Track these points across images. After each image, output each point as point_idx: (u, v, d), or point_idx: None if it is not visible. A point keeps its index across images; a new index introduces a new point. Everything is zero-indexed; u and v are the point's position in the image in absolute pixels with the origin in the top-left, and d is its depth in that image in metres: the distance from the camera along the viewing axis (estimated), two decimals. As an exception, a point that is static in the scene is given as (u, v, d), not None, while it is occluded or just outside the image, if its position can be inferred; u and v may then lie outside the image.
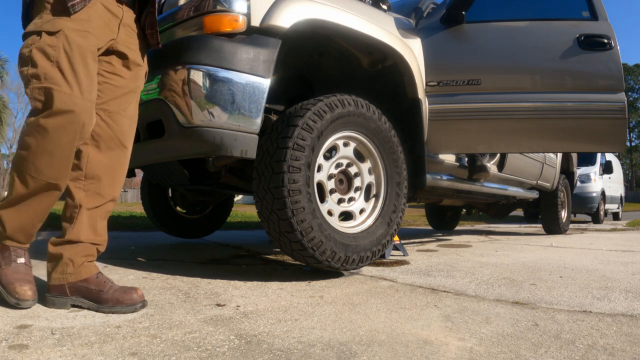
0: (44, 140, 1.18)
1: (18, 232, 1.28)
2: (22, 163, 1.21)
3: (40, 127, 1.17)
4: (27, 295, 1.22)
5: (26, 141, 1.19)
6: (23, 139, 1.21)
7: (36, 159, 1.19)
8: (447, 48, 2.44)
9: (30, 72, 1.17)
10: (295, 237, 1.66)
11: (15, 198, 1.23)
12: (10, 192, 1.24)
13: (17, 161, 1.22)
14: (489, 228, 6.47)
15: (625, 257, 2.78)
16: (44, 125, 1.17)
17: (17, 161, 1.22)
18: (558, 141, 2.50)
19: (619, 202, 11.65)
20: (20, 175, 1.21)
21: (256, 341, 1.04)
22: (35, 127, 1.18)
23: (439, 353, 0.98)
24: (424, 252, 2.92)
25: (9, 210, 1.25)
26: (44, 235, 3.49)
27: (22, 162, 1.20)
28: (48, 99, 1.16)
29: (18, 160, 1.22)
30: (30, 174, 1.20)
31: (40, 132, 1.17)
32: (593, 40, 2.35)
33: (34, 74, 1.17)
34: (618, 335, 1.13)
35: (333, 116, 1.81)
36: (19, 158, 1.22)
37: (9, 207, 1.25)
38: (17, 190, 1.22)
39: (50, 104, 1.16)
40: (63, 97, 1.17)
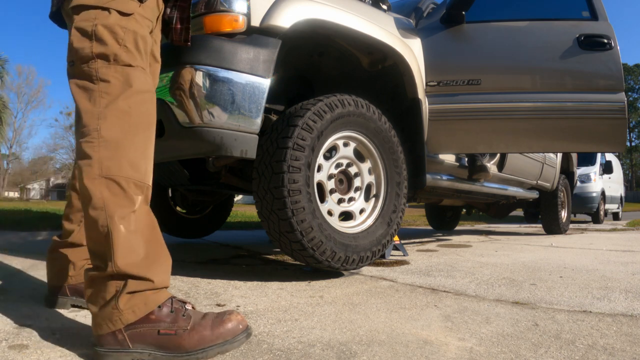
0: (129, 127, 0.99)
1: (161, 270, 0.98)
2: (113, 165, 0.95)
3: (121, 111, 0.99)
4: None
5: (109, 136, 0.96)
6: (101, 137, 0.96)
7: (128, 151, 0.98)
8: (447, 48, 2.44)
9: (96, 50, 1.00)
10: (295, 237, 1.66)
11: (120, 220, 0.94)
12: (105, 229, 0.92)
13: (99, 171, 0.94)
14: (489, 228, 6.47)
15: (625, 257, 2.78)
16: (125, 108, 0.99)
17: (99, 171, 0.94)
18: (558, 141, 2.50)
19: (619, 202, 11.65)
20: (110, 186, 0.94)
21: (256, 341, 1.04)
22: (116, 112, 0.98)
23: (439, 353, 0.98)
24: (424, 252, 2.92)
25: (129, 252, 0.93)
26: (44, 235, 3.49)
27: (113, 163, 0.95)
28: (127, 79, 1.00)
29: (99, 168, 0.94)
30: (127, 175, 0.96)
31: (123, 117, 0.99)
32: (593, 40, 2.35)
33: (102, 53, 1.00)
34: (618, 335, 1.13)
35: (333, 116, 1.81)
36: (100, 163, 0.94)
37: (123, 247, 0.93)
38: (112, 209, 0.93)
39: (129, 83, 1.01)
40: (141, 76, 1.03)
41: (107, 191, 0.94)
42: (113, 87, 0.99)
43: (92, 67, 0.99)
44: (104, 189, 0.94)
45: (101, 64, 0.99)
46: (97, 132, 0.96)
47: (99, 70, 0.99)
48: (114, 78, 0.99)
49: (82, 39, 1.00)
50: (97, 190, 0.93)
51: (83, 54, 0.99)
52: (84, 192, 0.96)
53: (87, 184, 0.94)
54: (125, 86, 1.00)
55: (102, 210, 0.92)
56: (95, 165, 0.94)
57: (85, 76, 1.00)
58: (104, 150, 0.96)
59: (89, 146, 0.96)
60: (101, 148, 0.96)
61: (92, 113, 0.97)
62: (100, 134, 0.96)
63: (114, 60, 1.00)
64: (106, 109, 0.97)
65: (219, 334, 0.91)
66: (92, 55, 1.00)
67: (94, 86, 0.99)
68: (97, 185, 0.94)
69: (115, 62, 1.00)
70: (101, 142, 0.96)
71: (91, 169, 0.94)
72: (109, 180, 0.94)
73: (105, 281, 0.91)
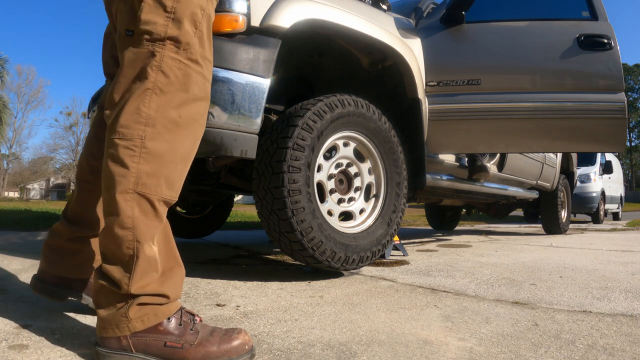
0: (175, 139, 0.88)
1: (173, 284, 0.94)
2: (152, 183, 0.86)
3: (171, 121, 0.87)
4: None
5: (154, 148, 0.86)
6: (145, 148, 0.85)
7: (169, 170, 0.88)
8: (447, 48, 2.44)
9: (171, 32, 0.85)
10: (295, 237, 1.66)
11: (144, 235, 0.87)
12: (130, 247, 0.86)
13: (131, 185, 0.85)
14: (489, 228, 6.47)
15: (625, 257, 2.78)
16: (176, 118, 0.87)
17: (131, 185, 0.85)
18: (558, 141, 2.50)
19: (619, 202, 11.66)
20: (142, 203, 0.86)
21: (256, 341, 1.04)
22: (166, 121, 0.86)
23: (439, 353, 0.98)
24: (424, 252, 2.92)
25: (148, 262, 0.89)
26: (44, 235, 3.49)
27: (152, 181, 0.86)
28: (186, 80, 0.88)
29: (132, 183, 0.85)
30: (163, 195, 0.88)
31: (172, 128, 0.87)
32: (593, 40, 2.35)
33: (175, 37, 0.86)
34: (618, 335, 1.13)
35: (333, 116, 1.81)
36: (135, 178, 0.85)
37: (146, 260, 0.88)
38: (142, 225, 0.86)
39: (187, 86, 0.88)
40: (200, 80, 0.91)
41: (138, 210, 0.85)
42: (170, 85, 0.87)
43: (158, 52, 0.85)
44: (135, 207, 0.85)
45: (169, 52, 0.86)
46: (141, 140, 0.85)
47: (164, 58, 0.85)
48: (174, 75, 0.87)
49: (156, 11, 0.85)
50: (128, 208, 0.85)
51: (153, 30, 0.85)
52: (110, 204, 0.86)
53: (117, 198, 0.84)
54: (182, 89, 0.88)
55: (131, 232, 0.85)
56: (132, 178, 0.85)
57: (143, 57, 0.85)
58: (145, 164, 0.85)
59: (128, 154, 0.84)
60: (142, 160, 0.85)
61: (138, 112, 0.85)
62: (145, 144, 0.85)
63: (184, 49, 0.87)
64: (156, 114, 0.85)
65: (224, 350, 0.88)
66: (164, 36, 0.85)
67: (151, 75, 0.85)
68: (129, 202, 0.85)
69: (184, 51, 0.87)
70: (143, 154, 0.85)
71: (126, 181, 0.84)
72: (142, 198, 0.86)
73: (118, 298, 0.88)
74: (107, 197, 0.87)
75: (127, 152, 0.85)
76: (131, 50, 0.86)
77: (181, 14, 0.86)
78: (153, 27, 0.85)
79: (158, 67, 0.85)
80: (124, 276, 0.87)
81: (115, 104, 0.88)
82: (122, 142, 0.85)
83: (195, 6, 0.88)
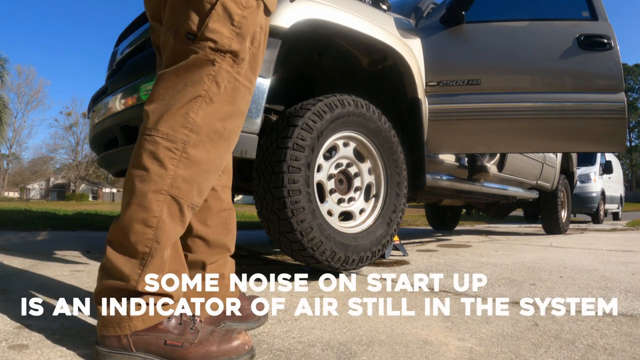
0: (215, 149, 0.89)
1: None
2: (185, 188, 0.87)
3: (215, 132, 0.88)
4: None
5: (194, 156, 0.86)
6: (186, 153, 0.86)
7: (203, 178, 0.89)
8: (447, 48, 2.44)
9: (234, 45, 0.86)
10: (295, 237, 1.66)
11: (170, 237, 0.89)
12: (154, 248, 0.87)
13: (167, 188, 0.86)
14: (488, 228, 6.47)
15: (625, 257, 2.78)
16: (220, 130, 0.88)
17: (167, 188, 0.86)
18: (558, 141, 2.50)
19: (619, 202, 11.66)
20: (173, 206, 0.87)
21: (256, 341, 1.04)
22: (210, 131, 0.87)
23: (439, 353, 0.98)
24: (424, 252, 2.92)
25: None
26: (44, 235, 3.49)
27: (186, 186, 0.87)
28: (234, 93, 0.89)
29: (169, 186, 0.86)
30: (192, 202, 0.89)
31: (215, 139, 0.88)
32: (593, 40, 2.35)
33: (236, 51, 0.87)
34: (618, 335, 1.13)
35: (333, 116, 1.81)
36: (174, 182, 0.86)
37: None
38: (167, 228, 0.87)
39: (234, 99, 0.89)
40: (247, 95, 0.91)
41: (167, 212, 0.86)
42: (219, 97, 0.87)
43: (218, 62, 0.86)
44: (164, 208, 0.86)
45: (227, 64, 0.87)
46: (183, 145, 0.85)
47: (221, 70, 0.86)
48: (224, 87, 0.88)
49: (224, 22, 0.85)
50: (157, 208, 0.85)
51: (219, 40, 0.85)
52: (140, 198, 0.85)
53: (149, 196, 0.85)
54: (229, 102, 0.89)
55: (153, 231, 0.86)
56: (168, 180, 0.85)
57: (202, 64, 0.86)
58: (183, 169, 0.86)
59: (168, 155, 0.85)
60: (181, 165, 0.86)
61: (185, 117, 0.85)
62: (186, 150, 0.86)
63: (238, 64, 0.88)
64: (203, 122, 0.86)
65: (224, 350, 0.88)
66: (227, 49, 0.86)
67: (205, 84, 0.86)
68: (160, 203, 0.85)
69: (238, 65, 0.89)
70: (183, 159, 0.86)
71: (162, 181, 0.85)
72: (173, 201, 0.86)
73: (122, 293, 0.88)
74: (137, 191, 0.86)
75: (168, 153, 0.85)
76: (190, 54, 0.86)
77: (245, 30, 0.88)
78: (219, 38, 0.86)
79: (214, 77, 0.86)
80: (135, 272, 0.87)
81: (160, 100, 0.87)
82: (165, 142, 0.85)
83: (257, 24, 0.90)
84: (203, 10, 0.85)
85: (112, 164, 2.33)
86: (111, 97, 1.99)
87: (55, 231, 3.88)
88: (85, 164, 43.85)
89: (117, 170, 2.41)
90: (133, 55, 2.08)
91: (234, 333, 0.91)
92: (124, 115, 1.91)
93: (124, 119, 1.92)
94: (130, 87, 1.86)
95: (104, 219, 5.33)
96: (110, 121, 2.01)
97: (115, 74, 2.12)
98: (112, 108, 1.98)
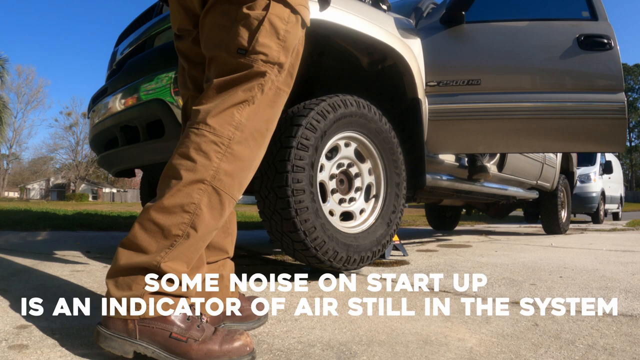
0: (257, 147, 0.96)
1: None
2: (227, 182, 0.92)
3: (258, 131, 0.95)
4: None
5: (239, 152, 0.92)
6: (231, 149, 0.91)
7: (244, 175, 0.95)
8: (447, 48, 2.44)
9: (282, 58, 0.95)
10: (298, 237, 1.66)
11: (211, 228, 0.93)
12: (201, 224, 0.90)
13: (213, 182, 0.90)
14: (488, 228, 6.47)
15: (625, 257, 2.78)
16: (263, 130, 0.96)
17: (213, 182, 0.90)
18: (558, 141, 2.50)
19: (619, 202, 11.66)
20: (221, 198, 0.91)
21: (256, 341, 1.04)
22: (254, 130, 0.94)
23: (439, 353, 0.98)
24: (424, 252, 2.92)
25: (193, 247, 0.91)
26: (44, 235, 3.49)
27: (228, 180, 0.92)
28: (276, 98, 0.98)
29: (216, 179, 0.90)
30: (233, 196, 0.94)
31: (257, 138, 0.96)
32: (593, 40, 2.35)
33: (282, 63, 0.96)
34: (618, 335, 1.13)
35: (336, 116, 1.81)
36: (220, 176, 0.91)
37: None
38: (213, 217, 0.91)
39: (275, 103, 0.98)
40: (284, 101, 1.00)
41: (207, 201, 0.89)
42: (264, 100, 0.95)
43: (268, 73, 0.94)
44: (204, 197, 0.89)
45: (273, 74, 0.95)
46: (229, 140, 0.91)
47: (268, 79, 0.94)
48: (267, 93, 0.95)
49: (271, 36, 0.93)
50: (197, 195, 0.88)
51: (269, 53, 0.94)
52: (182, 184, 0.88)
53: (191, 184, 0.88)
54: (271, 106, 0.96)
55: (189, 216, 0.88)
56: (211, 171, 0.89)
57: (253, 75, 0.93)
58: (227, 163, 0.91)
59: (214, 148, 0.90)
60: (225, 158, 0.90)
61: (232, 116, 0.91)
62: (231, 145, 0.91)
63: (281, 73, 0.96)
64: (247, 122, 0.93)
65: (226, 350, 0.89)
66: (276, 61, 0.95)
67: (254, 91, 0.93)
68: (202, 192, 0.89)
69: (280, 74, 0.96)
70: (227, 154, 0.91)
71: (205, 171, 0.89)
72: (214, 192, 0.90)
73: (140, 271, 0.87)
74: (180, 178, 0.88)
75: (214, 147, 0.90)
76: (243, 67, 0.93)
77: (290, 43, 0.97)
78: (269, 51, 0.94)
79: (262, 85, 0.94)
80: (161, 249, 0.87)
81: (210, 101, 0.93)
82: (212, 136, 0.90)
83: (297, 37, 0.99)
84: (252, 26, 0.93)
85: (112, 164, 2.33)
86: (111, 97, 2.00)
87: (55, 231, 3.88)
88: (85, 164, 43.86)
89: (117, 170, 2.41)
90: (133, 55, 2.08)
91: (236, 334, 0.92)
92: (124, 115, 1.91)
93: (124, 119, 1.93)
94: (130, 87, 1.86)
95: (104, 219, 5.34)
96: (110, 121, 2.01)
97: (115, 74, 2.12)
98: (112, 108, 1.98)
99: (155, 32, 1.93)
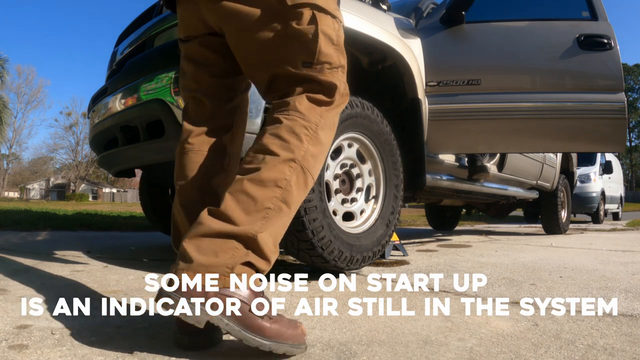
0: (331, 136, 1.05)
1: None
2: (312, 162, 0.99)
3: (331, 123, 1.04)
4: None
5: (322, 138, 1.00)
6: (317, 135, 0.99)
7: (322, 159, 1.03)
8: (447, 48, 2.44)
9: (342, 61, 1.05)
10: (306, 236, 1.66)
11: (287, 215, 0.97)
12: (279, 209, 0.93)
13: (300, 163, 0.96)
14: (488, 228, 6.47)
15: (625, 257, 2.78)
16: (334, 121, 1.05)
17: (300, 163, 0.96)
18: (558, 141, 2.50)
19: (619, 202, 11.67)
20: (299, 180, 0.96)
21: (256, 341, 1.04)
22: (328, 122, 1.03)
23: (439, 353, 0.98)
24: (424, 252, 2.92)
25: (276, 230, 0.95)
26: (44, 235, 3.49)
27: (313, 161, 0.99)
28: (343, 94, 1.07)
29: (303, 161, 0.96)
30: (314, 176, 1.01)
31: (330, 129, 1.05)
32: (593, 40, 2.35)
33: (343, 65, 1.05)
34: (618, 335, 1.13)
35: (343, 117, 1.81)
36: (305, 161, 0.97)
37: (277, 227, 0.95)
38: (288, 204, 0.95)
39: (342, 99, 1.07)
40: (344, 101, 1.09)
41: (296, 179, 0.95)
42: (334, 96, 1.03)
43: (337, 73, 1.03)
44: (293, 175, 0.94)
45: (341, 73, 1.04)
46: (315, 126, 0.98)
47: (334, 77, 1.02)
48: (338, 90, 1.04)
49: (329, 44, 1.01)
50: (288, 172, 0.94)
51: (332, 60, 1.02)
52: (276, 162, 0.93)
53: (284, 162, 0.93)
54: (341, 102, 1.06)
55: (281, 190, 0.92)
56: (302, 151, 0.96)
57: (323, 81, 1.01)
58: (314, 146, 0.98)
59: (304, 132, 0.97)
60: (312, 142, 0.98)
61: (313, 108, 0.99)
62: (317, 132, 0.98)
63: (344, 74, 1.06)
64: (326, 113, 1.02)
65: (292, 335, 0.91)
66: (339, 65, 1.04)
67: (320, 94, 1.01)
68: (293, 170, 0.94)
69: (342, 74, 1.05)
70: (314, 137, 0.98)
71: (298, 151, 0.95)
72: (303, 171, 0.96)
73: (229, 240, 0.88)
74: (274, 156, 0.94)
75: (304, 130, 0.97)
76: (312, 79, 1.01)
77: (342, 46, 1.05)
78: (331, 58, 1.02)
79: (332, 83, 1.02)
80: (257, 219, 0.89)
81: (291, 94, 1.01)
82: (303, 121, 0.97)
83: (342, 36, 1.06)
84: (308, 39, 0.99)
85: (112, 164, 2.33)
86: (111, 97, 2.00)
87: (55, 231, 3.88)
88: (85, 164, 43.86)
89: (117, 170, 2.41)
90: (133, 55, 2.08)
91: (296, 322, 0.95)
92: (124, 115, 1.91)
93: (124, 119, 1.92)
94: (130, 87, 1.86)
95: (104, 219, 5.33)
96: (110, 121, 2.01)
97: (115, 74, 2.12)
98: (112, 108, 1.98)
99: (155, 32, 1.93)
